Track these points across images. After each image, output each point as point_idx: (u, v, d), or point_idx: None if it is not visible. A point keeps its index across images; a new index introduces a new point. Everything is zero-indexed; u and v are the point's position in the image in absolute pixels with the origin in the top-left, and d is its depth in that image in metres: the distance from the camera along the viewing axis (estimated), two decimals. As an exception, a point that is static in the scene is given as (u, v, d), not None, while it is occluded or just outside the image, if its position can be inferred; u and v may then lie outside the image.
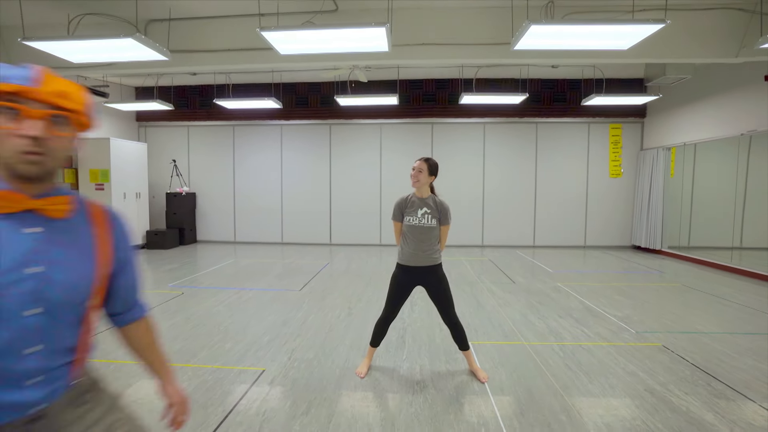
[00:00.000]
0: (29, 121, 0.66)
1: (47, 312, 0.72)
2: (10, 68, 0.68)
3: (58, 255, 0.74)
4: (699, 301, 4.35)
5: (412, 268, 2.47)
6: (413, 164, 2.47)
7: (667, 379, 2.52)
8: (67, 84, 0.71)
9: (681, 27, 3.88)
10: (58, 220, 0.75)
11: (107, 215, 0.86)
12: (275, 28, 3.17)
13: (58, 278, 0.73)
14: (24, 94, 0.66)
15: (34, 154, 0.67)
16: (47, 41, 3.44)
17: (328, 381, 2.50)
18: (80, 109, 0.72)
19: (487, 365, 2.74)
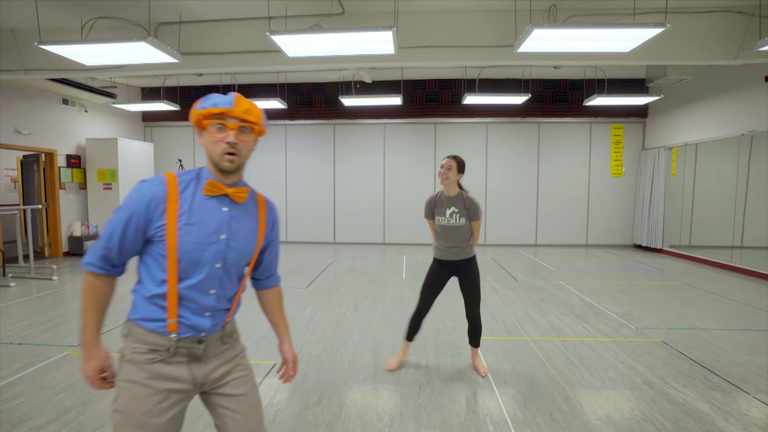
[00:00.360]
0: (228, 131, 0.98)
1: (224, 267, 1.02)
2: (220, 97, 0.99)
3: (236, 228, 1.04)
4: (699, 298, 4.43)
5: (446, 262, 2.57)
6: (441, 162, 2.51)
7: (665, 373, 2.60)
8: (249, 103, 1.01)
9: (681, 29, 3.95)
10: (238, 204, 1.06)
11: (266, 203, 1.15)
12: (284, 31, 3.26)
13: (234, 245, 1.04)
14: (227, 114, 0.97)
15: (231, 155, 0.99)
16: (62, 45, 3.54)
17: (338, 374, 2.60)
18: (259, 121, 1.02)
19: (490, 359, 2.83)
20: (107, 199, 7.11)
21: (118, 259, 1.00)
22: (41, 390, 2.34)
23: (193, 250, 0.97)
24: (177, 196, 0.98)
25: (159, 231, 0.96)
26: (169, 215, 0.96)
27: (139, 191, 0.97)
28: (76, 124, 7.06)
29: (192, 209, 0.98)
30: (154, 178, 1.00)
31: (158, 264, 0.98)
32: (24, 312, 3.83)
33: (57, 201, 6.72)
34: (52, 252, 6.75)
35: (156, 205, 0.96)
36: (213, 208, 1.01)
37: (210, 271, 1.00)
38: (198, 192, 1.01)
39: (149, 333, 0.98)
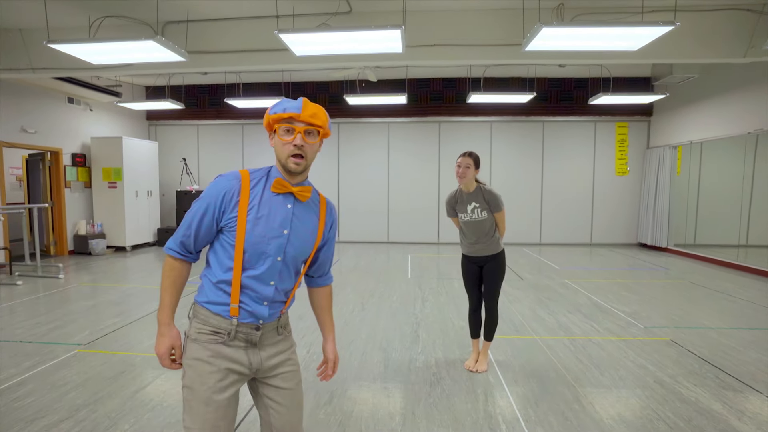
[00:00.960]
0: (296, 134, 1.04)
1: (284, 261, 1.09)
2: (290, 102, 1.06)
3: (298, 225, 1.11)
4: (705, 297, 4.41)
5: (473, 258, 2.60)
6: (457, 161, 2.50)
7: (675, 372, 2.60)
8: (316, 107, 1.06)
9: (689, 27, 3.93)
10: (302, 202, 1.12)
11: (327, 204, 1.21)
12: (292, 30, 3.25)
13: (295, 241, 1.11)
14: (295, 118, 1.04)
15: (298, 157, 1.06)
16: (70, 44, 3.54)
17: (348, 373, 2.60)
18: (325, 125, 1.08)
19: (500, 357, 2.83)
20: (112, 198, 7.13)
21: (194, 246, 1.09)
22: (53, 388, 2.35)
23: (258, 242, 1.05)
24: (248, 191, 1.06)
25: (231, 222, 1.05)
26: (241, 208, 1.04)
27: (217, 185, 1.07)
28: (82, 122, 7.07)
29: (260, 204, 1.06)
30: (229, 173, 1.09)
31: (227, 252, 1.06)
32: (32, 310, 3.85)
33: (62, 200, 6.73)
34: (57, 251, 6.77)
35: (230, 198, 1.05)
36: (279, 205, 1.08)
37: (272, 263, 1.07)
38: (267, 189, 1.09)
39: (214, 315, 1.06)
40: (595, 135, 8.06)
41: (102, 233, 7.09)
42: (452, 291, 4.61)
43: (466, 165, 2.46)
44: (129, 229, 7.21)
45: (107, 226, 7.17)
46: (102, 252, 6.89)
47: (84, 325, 3.43)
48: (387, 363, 2.75)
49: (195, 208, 1.07)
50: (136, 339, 3.12)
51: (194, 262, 1.13)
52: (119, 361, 2.72)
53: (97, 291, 4.56)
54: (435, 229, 8.31)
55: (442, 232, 8.28)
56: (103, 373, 2.55)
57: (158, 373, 2.55)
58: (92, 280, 5.09)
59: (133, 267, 5.98)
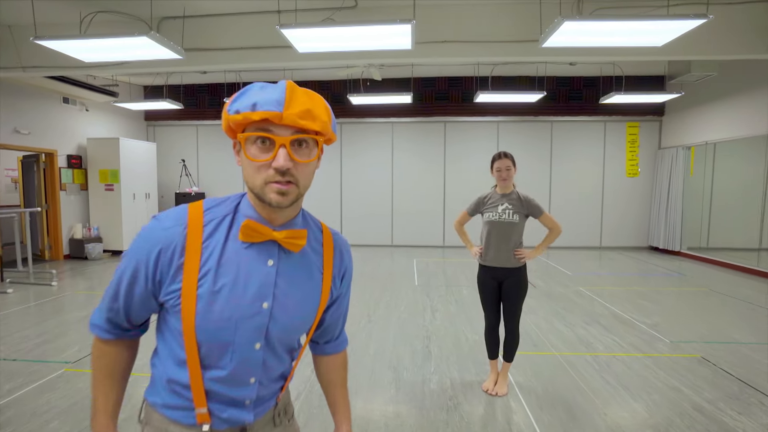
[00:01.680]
0: (278, 149, 0.63)
1: (267, 347, 0.72)
2: (263, 90, 0.63)
3: (287, 292, 0.72)
4: (729, 307, 4.20)
5: (491, 269, 2.37)
6: (495, 165, 2.32)
7: (714, 396, 2.38)
8: (309, 99, 0.65)
9: (715, 21, 3.71)
10: (290, 253, 0.73)
11: (334, 240, 0.81)
12: (295, 25, 3.05)
13: (282, 317, 0.72)
14: (274, 120, 0.62)
15: (283, 184, 0.64)
16: (59, 40, 3.33)
17: (357, 396, 2.39)
18: (326, 128, 0.66)
19: (519, 378, 2.62)
20: (109, 201, 6.93)
21: (128, 321, 0.73)
22: (33, 416, 2.14)
23: (218, 330, 0.67)
24: (200, 245, 0.66)
25: (172, 299, 0.66)
26: (187, 276, 0.65)
27: (147, 236, 0.67)
28: (77, 123, 6.88)
29: (221, 265, 0.66)
30: (171, 213, 0.69)
31: (176, 339, 0.69)
32: (21, 322, 3.64)
33: (57, 202, 6.54)
34: (52, 255, 6.58)
35: (168, 259, 0.66)
36: (253, 262, 0.68)
37: (246, 355, 0.69)
38: (232, 236, 0.68)
39: (173, 423, 0.72)
40: (605, 135, 7.83)
41: (98, 237, 6.89)
42: (462, 300, 4.39)
43: (507, 167, 2.28)
44: (126, 232, 7.02)
45: (104, 230, 6.98)
46: (98, 256, 6.69)
47: (74, 339, 3.23)
48: (398, 384, 2.54)
49: (120, 270, 0.70)
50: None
51: (137, 337, 0.77)
52: (109, 382, 2.51)
53: (91, 300, 4.36)
54: (440, 231, 8.09)
55: (448, 235, 8.06)
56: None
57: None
58: (87, 287, 4.89)
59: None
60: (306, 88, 0.65)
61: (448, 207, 8.03)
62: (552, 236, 2.40)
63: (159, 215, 0.69)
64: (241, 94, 0.64)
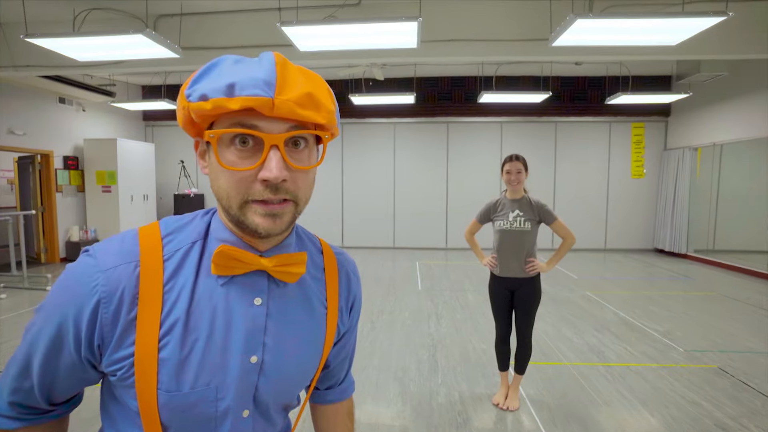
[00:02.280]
0: (268, 151, 0.44)
1: (258, 412, 0.53)
2: (239, 67, 0.44)
3: (278, 340, 0.53)
4: (740, 312, 4.09)
5: (504, 279, 2.26)
6: (505, 167, 2.22)
7: (737, 412, 2.27)
8: (309, 80, 0.46)
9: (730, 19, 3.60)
10: (284, 285, 0.54)
11: (338, 264, 0.62)
12: (296, 22, 2.93)
13: (274, 373, 0.52)
14: (262, 110, 0.42)
15: (275, 204, 0.46)
16: (52, 38, 3.22)
17: (362, 411, 2.28)
18: (333, 121, 0.48)
19: (531, 391, 2.51)
20: (107, 202, 6.82)
21: (48, 402, 0.51)
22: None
23: (193, 405, 0.48)
24: (160, 289, 0.47)
25: (121, 369, 0.46)
26: (142, 334, 0.46)
27: (78, 279, 0.46)
28: (74, 123, 6.76)
29: (192, 314, 0.48)
30: (113, 246, 0.48)
31: (129, 422, 0.49)
32: (12, 330, 3.53)
33: (54, 204, 6.42)
34: (48, 258, 6.46)
35: (113, 313, 0.46)
36: (234, 304, 0.50)
37: (231, 426, 0.51)
38: (204, 269, 0.50)
39: None
40: (610, 136, 7.72)
41: (96, 239, 6.78)
42: (467, 305, 4.28)
43: (518, 170, 2.17)
44: (124, 234, 6.90)
45: (101, 232, 6.86)
46: (95, 259, 6.58)
47: (67, 348, 3.11)
48: (404, 397, 2.43)
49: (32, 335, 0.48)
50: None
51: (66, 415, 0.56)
52: (102, 396, 2.40)
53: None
54: (443, 234, 7.98)
55: (451, 237, 7.96)
56: (80, 413, 2.23)
57: None
58: (82, 292, 4.77)
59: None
60: None
61: (451, 208, 7.92)
62: (565, 247, 2.27)
63: (94, 248, 0.48)
64: (207, 71, 0.45)
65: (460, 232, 7.83)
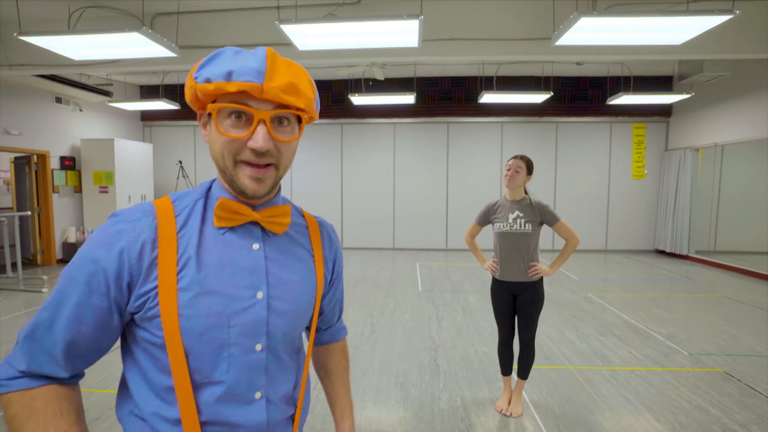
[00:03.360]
0: (256, 125, 0.55)
1: (269, 348, 0.61)
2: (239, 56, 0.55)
3: (279, 279, 0.63)
4: (743, 315, 4.05)
5: (505, 283, 2.21)
6: (507, 163, 2.20)
7: (746, 418, 2.23)
8: (292, 70, 0.57)
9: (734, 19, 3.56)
10: (275, 235, 0.65)
11: (319, 225, 0.75)
12: (296, 20, 2.88)
13: (281, 306, 0.62)
14: (253, 92, 0.54)
15: (260, 168, 0.58)
16: (46, 36, 3.16)
17: (363, 417, 2.23)
18: (311, 105, 0.60)
19: (534, 396, 2.47)
20: (104, 203, 6.75)
21: (65, 368, 0.55)
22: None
23: (209, 328, 0.55)
24: (175, 236, 0.57)
25: (148, 302, 0.54)
26: (163, 271, 0.54)
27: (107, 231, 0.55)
28: (70, 123, 6.69)
29: (202, 253, 0.57)
30: (134, 207, 0.58)
31: (154, 362, 0.56)
32: (6, 334, 3.47)
33: (50, 205, 6.35)
34: (44, 260, 6.40)
35: (138, 254, 0.54)
36: (236, 248, 0.60)
37: (247, 359, 0.58)
38: (208, 222, 0.60)
39: None
40: (611, 136, 7.69)
41: (93, 240, 6.71)
42: (468, 307, 4.24)
43: (516, 168, 2.12)
44: (121, 235, 6.84)
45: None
46: (92, 260, 6.51)
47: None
48: (406, 403, 2.38)
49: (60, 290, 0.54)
50: (119, 372, 2.75)
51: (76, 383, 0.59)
52: (96, 402, 2.35)
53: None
54: (443, 235, 7.94)
55: (451, 238, 7.91)
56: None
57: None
58: (79, 294, 4.71)
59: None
60: None
61: (451, 209, 7.88)
62: (569, 248, 2.20)
63: (117, 212, 0.58)
64: (211, 59, 0.56)
65: (461, 233, 7.78)
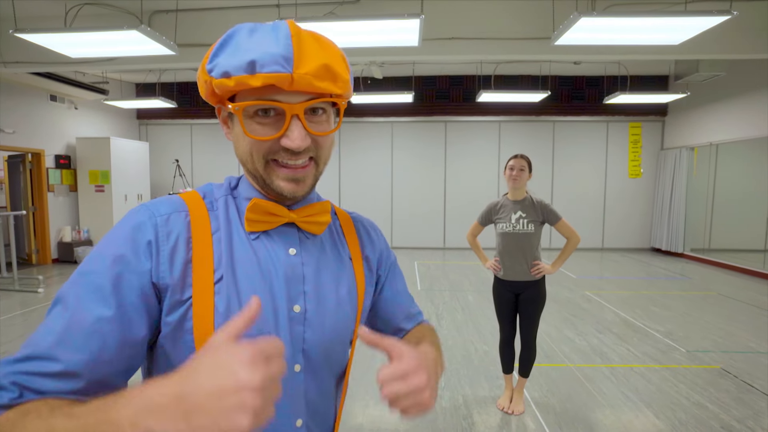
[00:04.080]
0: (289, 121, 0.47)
1: (308, 369, 0.53)
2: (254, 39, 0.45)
3: (317, 288, 0.54)
4: (739, 312, 4.09)
5: (508, 283, 2.22)
6: (509, 163, 2.21)
7: (743, 414, 2.26)
8: (323, 49, 0.47)
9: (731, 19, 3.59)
10: (312, 237, 0.57)
11: (352, 219, 0.66)
12: (297, 19, 2.87)
13: (319, 322, 0.53)
14: (282, 85, 0.45)
15: (297, 169, 0.50)
16: (43, 33, 3.13)
17: (364, 416, 2.23)
18: (348, 89, 0.51)
19: (535, 394, 2.48)
20: (100, 202, 6.70)
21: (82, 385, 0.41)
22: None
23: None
24: (209, 236, 0.49)
25: (180, 312, 0.46)
26: (198, 277, 0.47)
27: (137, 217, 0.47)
28: (66, 122, 6.63)
29: (236, 262, 0.49)
30: (163, 200, 0.51)
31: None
32: (4, 334, 3.44)
33: (45, 204, 6.29)
34: (40, 259, 6.34)
35: (171, 250, 0.47)
36: (272, 255, 0.51)
37: (286, 383, 0.47)
38: (239, 225, 0.52)
39: None
40: (608, 136, 7.74)
41: (89, 240, 6.66)
42: (468, 306, 4.25)
43: (521, 167, 2.14)
44: (118, 235, 6.79)
45: (94, 232, 6.74)
46: (88, 260, 6.45)
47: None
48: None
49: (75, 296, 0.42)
50: (118, 372, 2.73)
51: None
52: None
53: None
54: (441, 233, 7.95)
55: (449, 236, 7.93)
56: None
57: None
58: (75, 294, 4.67)
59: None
60: None
61: (449, 208, 7.89)
62: (570, 247, 2.23)
63: (147, 202, 0.50)
64: (225, 45, 0.46)
65: (459, 231, 7.80)
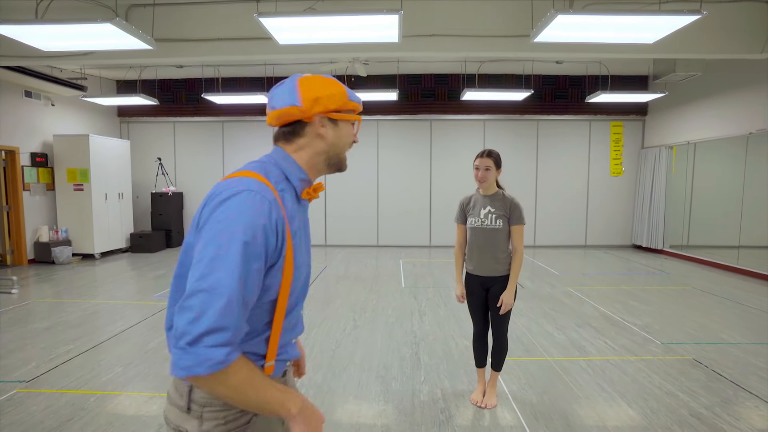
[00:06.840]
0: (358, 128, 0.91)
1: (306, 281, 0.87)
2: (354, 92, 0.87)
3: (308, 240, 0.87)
4: (715, 306, 4.21)
5: (477, 277, 2.22)
6: (474, 162, 2.16)
7: (711, 401, 2.32)
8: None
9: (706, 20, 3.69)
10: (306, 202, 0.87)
11: None
12: (275, 14, 2.85)
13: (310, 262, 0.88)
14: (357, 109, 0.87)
15: None
16: (13, 24, 3.04)
17: (342, 411, 2.23)
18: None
19: (513, 386, 2.51)
20: (79, 201, 6.54)
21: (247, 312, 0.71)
22: (-23, 447, 1.90)
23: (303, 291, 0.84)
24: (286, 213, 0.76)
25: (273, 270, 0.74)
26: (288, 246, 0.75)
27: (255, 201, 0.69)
28: (42, 119, 6.45)
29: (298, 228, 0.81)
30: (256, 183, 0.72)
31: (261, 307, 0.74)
32: (-27, 335, 3.33)
33: (20, 203, 6.12)
34: (15, 260, 6.16)
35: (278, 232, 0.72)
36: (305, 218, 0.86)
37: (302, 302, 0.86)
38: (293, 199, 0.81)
39: None
40: (590, 134, 7.87)
41: (67, 240, 6.49)
42: (450, 302, 4.28)
43: (486, 167, 2.12)
44: (98, 234, 6.64)
45: (73, 232, 6.58)
46: (67, 260, 6.30)
47: (31, 354, 2.95)
48: (387, 396, 2.39)
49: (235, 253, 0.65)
50: (92, 372, 2.67)
51: None
52: (67, 403, 2.28)
53: (56, 309, 4.04)
54: (426, 231, 7.99)
55: (434, 234, 7.97)
56: (45, 421, 2.11)
57: (113, 419, 2.12)
58: (53, 295, 4.56)
59: (102, 277, 5.45)
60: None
61: (435, 206, 7.93)
62: (517, 263, 2.15)
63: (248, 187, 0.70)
64: (350, 89, 0.86)
65: (444, 229, 7.85)
